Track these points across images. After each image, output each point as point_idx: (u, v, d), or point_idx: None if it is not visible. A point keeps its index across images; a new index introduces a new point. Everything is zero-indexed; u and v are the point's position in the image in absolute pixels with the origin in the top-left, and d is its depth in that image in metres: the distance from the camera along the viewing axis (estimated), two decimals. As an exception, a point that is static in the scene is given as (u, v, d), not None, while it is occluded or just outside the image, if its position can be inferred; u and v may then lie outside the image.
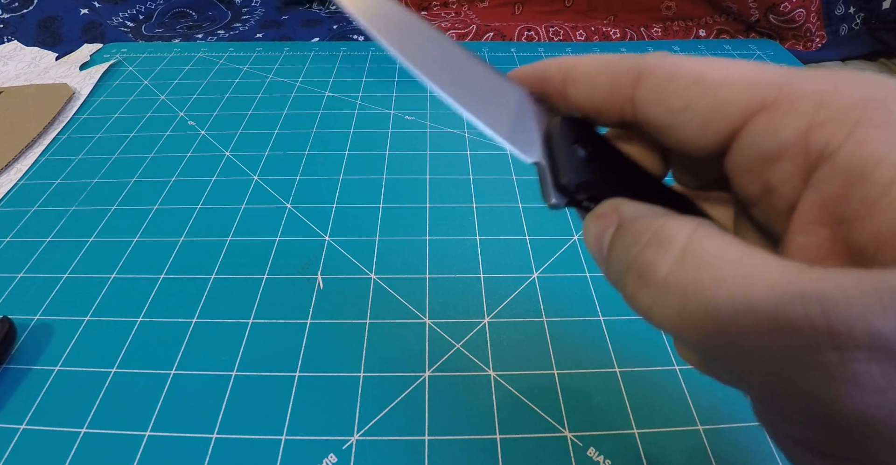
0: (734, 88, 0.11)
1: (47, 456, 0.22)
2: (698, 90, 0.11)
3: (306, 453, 0.22)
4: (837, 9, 0.52)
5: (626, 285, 0.11)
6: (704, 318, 0.09)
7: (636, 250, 0.10)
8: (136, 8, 0.61)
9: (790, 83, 0.10)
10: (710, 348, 0.09)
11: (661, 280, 0.10)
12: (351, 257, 0.30)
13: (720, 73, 0.11)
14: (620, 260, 0.11)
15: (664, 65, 0.12)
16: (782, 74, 0.10)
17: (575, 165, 0.13)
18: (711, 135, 0.11)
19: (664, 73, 0.12)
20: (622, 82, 0.12)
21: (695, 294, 0.09)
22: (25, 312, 0.27)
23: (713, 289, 0.09)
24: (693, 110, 0.11)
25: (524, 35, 0.56)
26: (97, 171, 0.37)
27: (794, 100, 0.10)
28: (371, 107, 0.43)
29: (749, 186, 0.12)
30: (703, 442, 0.22)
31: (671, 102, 0.12)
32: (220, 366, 0.25)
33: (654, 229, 0.10)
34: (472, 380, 0.24)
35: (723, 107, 0.11)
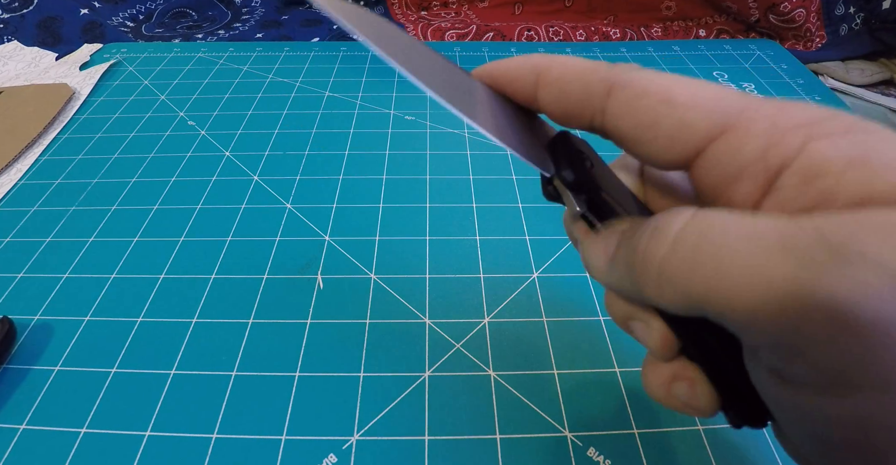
0: (699, 110, 0.12)
1: (47, 456, 0.22)
2: (666, 110, 0.12)
3: (306, 453, 0.22)
4: (837, 9, 0.52)
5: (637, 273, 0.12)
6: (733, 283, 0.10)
7: (643, 241, 0.12)
8: (136, 8, 0.61)
9: (747, 109, 0.12)
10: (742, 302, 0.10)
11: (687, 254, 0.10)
12: (351, 257, 0.30)
13: (687, 94, 0.12)
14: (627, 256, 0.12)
15: (636, 80, 0.13)
16: (740, 100, 0.12)
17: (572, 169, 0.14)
18: (676, 152, 0.12)
19: (636, 89, 0.12)
20: (594, 93, 0.13)
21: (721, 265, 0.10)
22: (25, 312, 0.27)
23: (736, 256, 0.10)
24: (660, 128, 0.12)
25: (524, 35, 0.56)
26: (97, 171, 0.37)
27: (751, 124, 0.11)
28: (371, 107, 0.43)
29: (713, 199, 0.12)
30: (703, 442, 0.22)
31: (640, 118, 0.12)
32: (220, 366, 0.25)
33: (653, 224, 0.12)
34: (472, 380, 0.24)
35: (688, 128, 0.12)
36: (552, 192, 0.15)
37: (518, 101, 0.15)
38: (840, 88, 0.48)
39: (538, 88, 0.14)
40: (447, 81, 0.14)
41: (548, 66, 0.14)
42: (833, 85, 0.48)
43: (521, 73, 0.14)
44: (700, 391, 0.13)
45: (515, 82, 0.15)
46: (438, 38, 0.56)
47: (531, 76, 0.14)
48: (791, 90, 0.46)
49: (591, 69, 0.13)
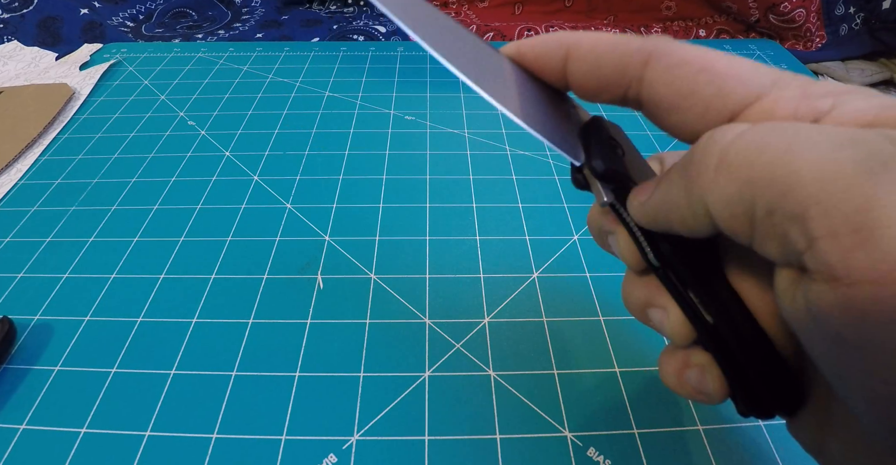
0: (737, 80, 0.12)
1: (47, 456, 0.22)
2: (705, 78, 0.12)
3: (306, 453, 0.22)
4: (837, 9, 0.52)
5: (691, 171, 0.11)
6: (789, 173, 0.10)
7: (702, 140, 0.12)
8: (136, 8, 0.61)
9: (779, 81, 0.12)
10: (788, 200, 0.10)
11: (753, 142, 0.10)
12: (351, 257, 0.30)
13: (725, 65, 0.12)
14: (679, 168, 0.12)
15: (674, 50, 0.13)
16: (774, 73, 0.12)
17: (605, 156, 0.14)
18: (711, 120, 0.12)
19: (675, 58, 0.13)
20: (632, 62, 0.13)
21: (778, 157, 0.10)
22: (25, 312, 0.27)
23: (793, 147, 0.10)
24: (698, 96, 0.13)
25: (524, 35, 0.56)
26: (97, 171, 0.37)
27: (784, 90, 0.12)
28: (371, 107, 0.43)
29: None
30: (703, 442, 0.22)
31: (679, 86, 0.13)
32: (220, 366, 0.25)
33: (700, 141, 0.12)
34: (472, 380, 0.24)
35: (726, 96, 0.12)
36: (581, 180, 0.15)
37: (547, 77, 0.15)
38: (840, 88, 0.48)
39: (568, 62, 0.14)
40: (475, 59, 0.14)
41: (577, 40, 0.14)
42: (833, 85, 0.48)
43: (549, 47, 0.14)
44: (710, 377, 0.14)
45: (543, 57, 0.15)
46: (438, 38, 0.56)
47: (560, 50, 0.14)
48: (791, 90, 0.45)
49: (625, 40, 0.14)
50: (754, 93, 0.12)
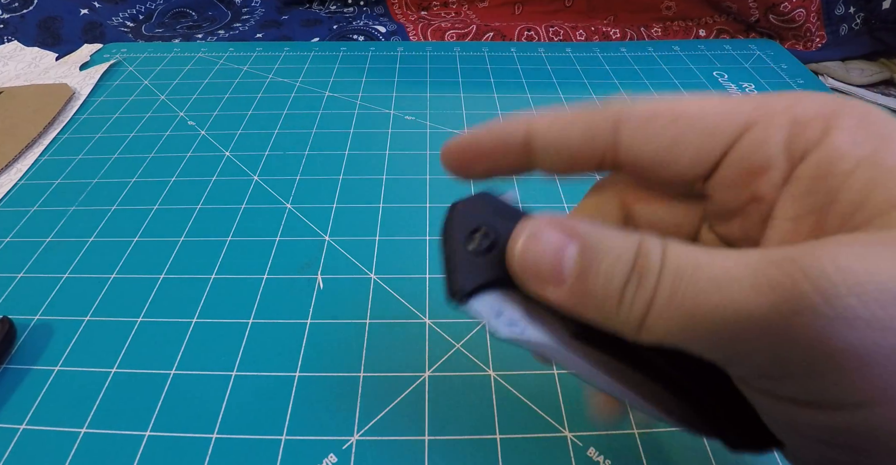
0: (716, 116, 0.12)
1: (47, 456, 0.22)
2: (683, 125, 0.12)
3: (306, 453, 0.22)
4: (837, 9, 0.52)
5: (623, 312, 0.11)
6: (711, 323, 0.10)
7: (619, 279, 0.11)
8: (136, 8, 0.61)
9: (762, 105, 0.12)
10: (719, 340, 0.10)
11: (667, 301, 0.10)
12: (351, 257, 0.30)
13: (697, 106, 0.12)
14: (606, 290, 0.11)
15: (640, 107, 0.13)
16: (750, 100, 0.12)
17: (473, 264, 0.12)
18: (703, 162, 0.12)
19: (644, 115, 0.12)
20: (599, 132, 0.13)
21: (698, 309, 0.10)
22: (25, 312, 0.27)
23: (711, 292, 0.10)
24: (683, 144, 0.12)
25: (524, 35, 0.56)
26: (97, 171, 0.37)
27: (771, 117, 0.11)
28: (371, 107, 0.43)
29: (733, 200, 0.12)
30: (703, 442, 0.22)
31: (659, 141, 0.12)
32: (220, 366, 0.25)
33: (631, 254, 0.11)
34: (472, 380, 0.24)
35: (712, 134, 0.12)
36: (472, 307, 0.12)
37: (509, 162, 0.14)
38: (840, 88, 0.48)
39: (533, 147, 0.14)
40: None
41: (535, 123, 0.13)
42: (833, 85, 0.48)
43: (505, 136, 0.14)
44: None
45: (500, 148, 0.14)
46: (438, 38, 0.56)
47: (518, 136, 0.14)
48: (791, 90, 0.46)
49: (585, 113, 0.13)
50: (741, 123, 0.12)
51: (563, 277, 0.11)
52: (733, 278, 0.09)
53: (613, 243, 0.11)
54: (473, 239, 0.12)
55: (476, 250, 0.12)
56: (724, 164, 0.12)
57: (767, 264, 0.09)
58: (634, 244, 0.11)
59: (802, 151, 0.11)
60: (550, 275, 0.11)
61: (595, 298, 0.11)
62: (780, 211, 0.12)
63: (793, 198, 0.11)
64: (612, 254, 0.11)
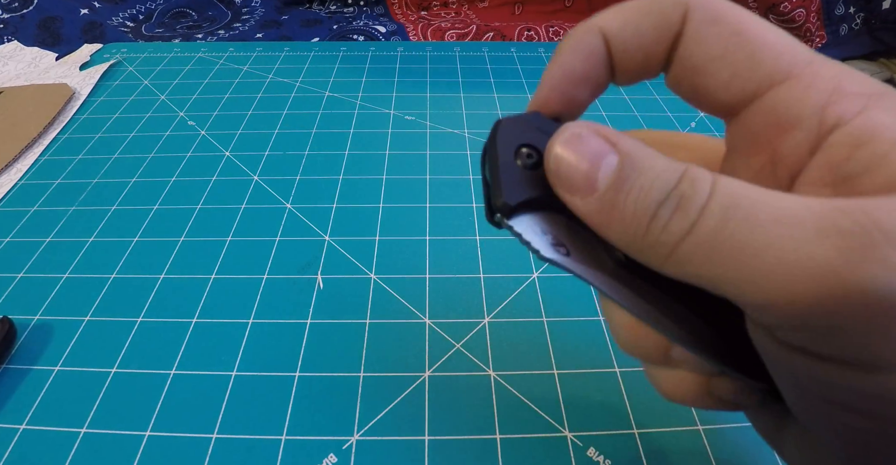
0: (770, 50, 0.11)
1: (47, 456, 0.22)
2: (738, 42, 0.11)
3: (306, 453, 0.22)
4: (837, 9, 0.52)
5: (653, 235, 0.10)
6: (763, 263, 0.09)
7: (655, 198, 0.10)
8: (136, 8, 0.61)
9: (814, 63, 0.11)
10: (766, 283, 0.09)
11: (711, 231, 0.09)
12: (351, 257, 0.30)
13: (761, 31, 0.11)
14: (637, 206, 0.10)
15: (711, 4, 0.12)
16: (809, 53, 0.11)
17: (518, 180, 0.12)
18: (736, 90, 0.12)
19: (710, 14, 0.12)
20: (670, 21, 0.12)
21: (752, 237, 0.09)
22: (25, 312, 0.27)
23: (770, 229, 0.09)
24: (727, 61, 0.12)
25: (524, 35, 0.56)
26: (97, 171, 0.37)
27: (816, 78, 0.11)
28: (371, 107, 0.43)
29: (755, 155, 0.12)
30: (703, 442, 0.22)
31: (710, 47, 0.12)
32: (220, 366, 0.25)
33: (675, 176, 0.10)
34: (472, 380, 0.24)
35: (756, 67, 0.11)
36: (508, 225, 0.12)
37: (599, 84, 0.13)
38: (840, 88, 0.48)
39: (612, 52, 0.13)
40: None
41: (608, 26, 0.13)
42: (833, 85, 0.48)
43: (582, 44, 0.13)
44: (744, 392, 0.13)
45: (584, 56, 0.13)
46: (438, 38, 0.56)
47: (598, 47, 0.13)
48: (791, 90, 0.45)
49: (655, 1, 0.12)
50: (785, 70, 0.11)
51: (595, 185, 0.11)
52: (797, 217, 0.09)
53: (658, 162, 0.10)
54: (520, 155, 0.12)
55: (523, 165, 0.12)
56: (754, 108, 0.12)
57: (835, 211, 0.09)
58: (681, 168, 0.10)
59: (836, 120, 0.10)
60: (584, 181, 0.11)
61: (624, 213, 0.10)
62: (806, 176, 0.11)
63: (827, 164, 0.11)
64: (653, 171, 0.10)
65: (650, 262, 0.10)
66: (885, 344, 0.09)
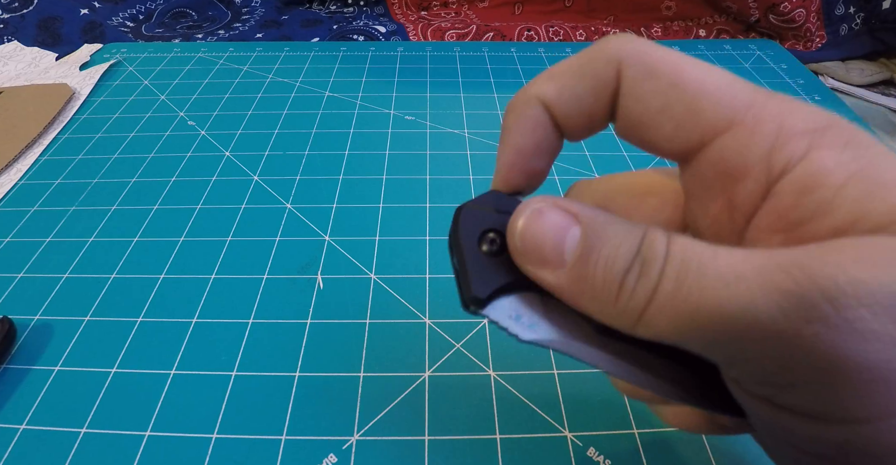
0: (709, 98, 0.11)
1: (47, 456, 0.22)
2: (675, 94, 0.11)
3: (306, 453, 0.22)
4: (837, 9, 0.52)
5: (622, 302, 0.10)
6: (716, 321, 0.09)
7: (621, 265, 0.10)
8: (136, 8, 0.61)
9: (755, 105, 0.11)
10: (721, 340, 0.10)
11: (669, 295, 0.10)
12: (351, 257, 0.30)
13: (697, 79, 0.11)
14: (606, 276, 0.11)
15: (642, 57, 0.12)
16: (750, 94, 0.11)
17: (485, 268, 0.12)
18: (681, 141, 0.12)
19: (644, 70, 0.12)
20: (606, 80, 0.12)
21: (703, 304, 0.09)
22: (25, 312, 0.27)
23: (717, 290, 0.09)
24: (668, 114, 0.12)
25: (524, 35, 0.56)
26: (97, 171, 0.37)
27: (758, 123, 0.11)
28: (371, 107, 0.43)
29: (711, 202, 0.12)
30: (703, 442, 0.22)
31: (649, 103, 0.12)
32: (220, 366, 0.25)
33: (636, 242, 0.10)
34: (472, 380, 0.24)
35: (696, 118, 0.11)
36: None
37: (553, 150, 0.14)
38: (840, 87, 0.48)
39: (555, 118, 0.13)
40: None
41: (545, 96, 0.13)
42: (833, 85, 0.48)
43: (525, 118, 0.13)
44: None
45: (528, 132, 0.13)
46: (438, 38, 0.56)
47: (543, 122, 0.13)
48: (791, 90, 0.45)
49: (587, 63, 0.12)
50: (727, 117, 0.11)
51: (562, 259, 0.11)
52: (741, 276, 0.09)
53: (618, 229, 0.11)
54: (484, 240, 0.12)
55: (488, 251, 0.12)
56: (703, 156, 0.12)
57: (775, 268, 0.09)
58: (640, 232, 0.10)
59: (783, 165, 0.11)
60: (551, 256, 0.11)
61: (594, 284, 0.11)
62: (758, 222, 0.11)
63: (775, 211, 0.11)
64: (615, 240, 0.11)
65: (623, 327, 0.11)
66: (838, 398, 0.09)
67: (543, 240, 0.11)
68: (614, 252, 0.10)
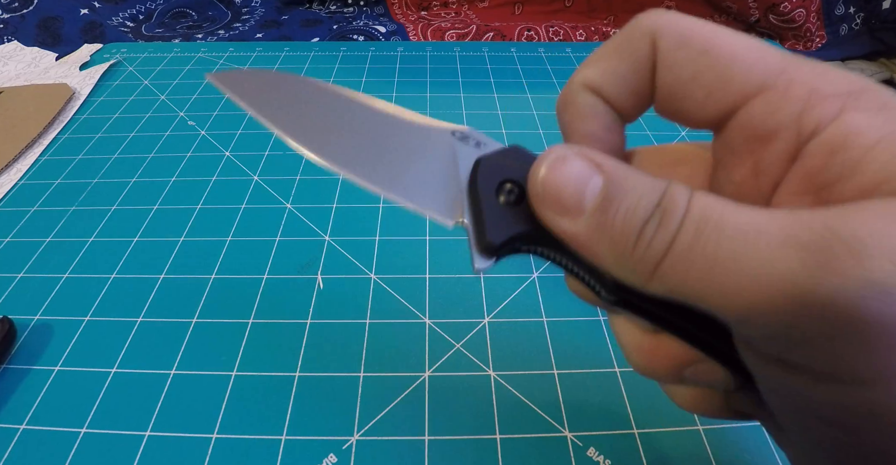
0: (740, 66, 0.11)
1: (47, 456, 0.22)
2: (706, 62, 0.11)
3: (306, 453, 0.22)
4: (837, 9, 0.52)
5: (638, 253, 0.10)
6: (733, 275, 0.09)
7: (641, 217, 0.10)
8: (136, 8, 0.61)
9: (787, 70, 0.11)
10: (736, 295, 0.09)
11: (687, 247, 0.10)
12: (351, 257, 0.30)
13: (729, 46, 0.11)
14: (625, 226, 0.10)
15: (676, 26, 0.12)
16: (781, 60, 0.11)
17: (501, 217, 0.12)
18: (712, 108, 0.12)
19: (677, 39, 0.12)
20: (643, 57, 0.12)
21: (720, 258, 0.09)
22: (25, 312, 0.27)
23: (736, 243, 0.09)
24: (699, 82, 0.12)
25: (524, 35, 0.56)
26: (97, 171, 0.37)
27: (790, 86, 0.11)
28: (371, 107, 0.43)
29: (737, 168, 0.12)
30: (703, 442, 0.22)
31: (680, 71, 0.12)
32: (220, 366, 0.25)
33: (657, 194, 0.10)
34: (472, 380, 0.24)
35: (727, 84, 0.11)
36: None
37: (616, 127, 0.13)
38: (840, 88, 0.48)
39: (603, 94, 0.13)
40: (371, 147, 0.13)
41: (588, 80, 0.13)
42: (833, 85, 0.48)
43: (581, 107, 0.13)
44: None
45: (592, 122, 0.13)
46: (438, 38, 0.56)
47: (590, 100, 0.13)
48: (791, 90, 0.45)
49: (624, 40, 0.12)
50: (758, 81, 0.11)
51: (582, 207, 0.11)
52: (762, 231, 0.09)
53: (641, 181, 0.11)
54: (502, 190, 0.12)
55: (506, 202, 0.12)
56: (734, 122, 0.12)
57: (798, 223, 0.09)
58: (662, 185, 0.10)
59: (814, 127, 0.10)
60: (571, 204, 0.11)
61: (612, 234, 0.10)
62: (786, 185, 0.11)
63: (804, 173, 0.11)
64: (637, 192, 0.10)
65: (637, 282, 0.11)
66: (851, 356, 0.09)
67: (565, 187, 0.11)
68: (635, 203, 0.10)
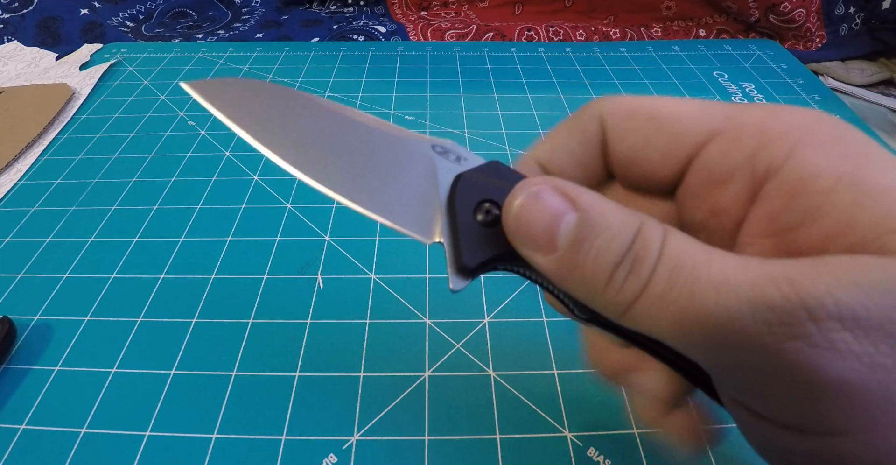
0: (686, 121, 0.12)
1: (47, 456, 0.22)
2: (655, 126, 0.12)
3: (306, 453, 0.22)
4: (837, 9, 0.52)
5: (610, 294, 0.10)
6: (702, 326, 0.10)
7: (612, 258, 0.10)
8: (136, 8, 0.61)
9: (734, 115, 0.12)
10: (705, 345, 0.10)
11: (658, 295, 0.10)
12: (351, 257, 0.30)
13: (671, 108, 0.12)
14: (596, 267, 0.10)
15: (621, 104, 0.13)
16: (725, 109, 0.12)
17: (477, 238, 0.12)
18: (670, 165, 0.12)
19: (623, 113, 0.13)
20: (592, 133, 0.13)
21: (691, 309, 0.10)
22: (25, 312, 0.27)
23: (707, 296, 0.09)
24: (653, 145, 0.12)
25: (524, 35, 0.56)
26: (97, 171, 0.37)
27: (740, 129, 0.11)
28: (371, 107, 0.43)
29: (698, 211, 0.13)
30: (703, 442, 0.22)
31: (633, 138, 0.13)
32: (220, 366, 0.25)
33: (630, 235, 0.10)
34: (472, 380, 0.24)
35: (678, 139, 0.12)
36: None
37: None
38: (840, 87, 0.48)
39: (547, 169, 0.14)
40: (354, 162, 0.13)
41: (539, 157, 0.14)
42: (833, 85, 0.48)
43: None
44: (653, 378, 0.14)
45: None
46: (438, 38, 0.56)
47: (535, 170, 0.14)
48: (791, 90, 0.45)
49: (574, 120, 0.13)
50: (707, 130, 0.12)
51: (555, 245, 0.11)
52: (731, 286, 0.09)
53: (614, 219, 0.11)
54: (480, 210, 0.12)
55: (483, 221, 0.12)
56: (690, 171, 0.12)
57: (766, 281, 0.09)
58: (635, 225, 0.10)
59: (767, 166, 0.11)
60: (543, 241, 0.11)
61: (583, 272, 0.11)
62: (748, 227, 0.11)
63: (766, 215, 0.11)
64: (610, 231, 0.10)
65: (608, 315, 0.11)
66: (814, 412, 0.09)
67: (537, 223, 0.11)
68: (606, 245, 0.10)
